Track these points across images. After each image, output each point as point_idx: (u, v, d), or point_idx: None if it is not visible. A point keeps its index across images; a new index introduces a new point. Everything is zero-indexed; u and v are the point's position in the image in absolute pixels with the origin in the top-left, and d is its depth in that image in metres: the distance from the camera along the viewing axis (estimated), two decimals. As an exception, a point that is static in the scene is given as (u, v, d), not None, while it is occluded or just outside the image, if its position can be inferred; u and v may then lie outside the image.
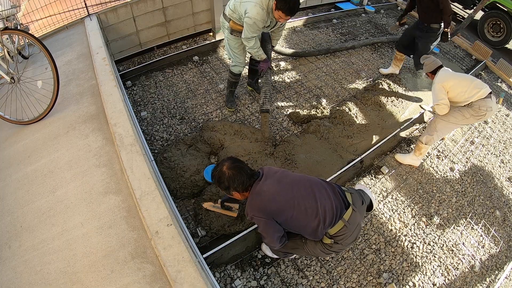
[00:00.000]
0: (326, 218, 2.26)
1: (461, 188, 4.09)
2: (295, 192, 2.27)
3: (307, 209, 2.24)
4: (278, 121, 4.45)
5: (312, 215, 2.25)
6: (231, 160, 2.33)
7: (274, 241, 2.35)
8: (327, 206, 2.26)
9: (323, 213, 2.25)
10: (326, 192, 2.32)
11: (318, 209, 2.24)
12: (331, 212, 2.27)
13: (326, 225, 2.27)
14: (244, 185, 2.29)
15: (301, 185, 2.31)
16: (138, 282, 2.15)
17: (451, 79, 3.63)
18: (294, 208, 2.24)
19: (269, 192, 2.24)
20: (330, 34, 6.60)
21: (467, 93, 3.55)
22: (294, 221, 2.28)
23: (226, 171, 2.26)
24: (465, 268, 3.38)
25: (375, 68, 5.80)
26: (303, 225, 2.29)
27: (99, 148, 2.96)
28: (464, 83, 3.59)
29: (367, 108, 4.80)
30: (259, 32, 3.57)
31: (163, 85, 4.82)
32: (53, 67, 3.16)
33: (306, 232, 2.35)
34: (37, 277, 2.26)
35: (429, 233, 3.57)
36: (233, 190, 2.31)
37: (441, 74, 3.73)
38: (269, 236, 2.32)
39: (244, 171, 2.28)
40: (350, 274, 3.16)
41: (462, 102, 3.63)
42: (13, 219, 2.60)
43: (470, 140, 4.81)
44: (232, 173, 2.25)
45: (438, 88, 3.66)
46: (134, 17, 4.94)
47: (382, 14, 7.77)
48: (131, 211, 2.49)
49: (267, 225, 2.26)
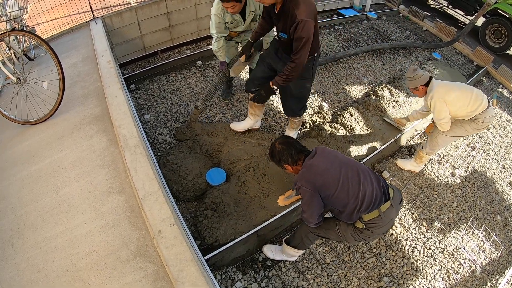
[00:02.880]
0: (364, 203, 2.34)
1: (462, 193, 4.10)
2: (343, 172, 2.36)
3: (349, 190, 2.33)
4: (280, 125, 4.47)
5: (352, 196, 2.34)
6: (283, 138, 2.63)
7: (313, 215, 2.42)
8: (368, 191, 2.35)
9: (363, 197, 2.34)
10: (371, 180, 2.41)
11: (359, 192, 2.34)
12: (370, 198, 2.35)
13: (362, 209, 2.35)
14: (293, 159, 2.50)
15: (349, 167, 2.41)
16: (140, 281, 2.16)
17: (451, 92, 3.46)
18: (338, 186, 2.33)
19: (319, 167, 2.37)
20: (333, 40, 6.62)
21: (469, 107, 3.44)
22: (336, 199, 2.36)
23: (277, 146, 2.55)
24: (466, 273, 3.38)
25: (377, 74, 5.83)
26: (342, 204, 2.38)
27: (103, 149, 2.99)
28: (464, 95, 3.46)
29: (368, 113, 4.82)
30: (220, 29, 3.54)
31: (166, 89, 4.84)
32: (59, 68, 3.19)
33: (343, 212, 2.43)
34: (40, 275, 2.28)
35: (430, 237, 3.57)
36: (284, 163, 2.55)
37: (439, 88, 3.52)
38: (311, 209, 2.40)
39: (293, 146, 2.52)
40: (351, 277, 3.16)
41: (464, 116, 3.56)
42: (17, 217, 2.62)
43: (471, 145, 4.83)
44: (282, 147, 2.52)
45: (440, 105, 3.48)
46: (138, 21, 4.98)
47: (384, 20, 7.80)
48: (134, 211, 2.52)
49: (312, 197, 2.34)
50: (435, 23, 7.75)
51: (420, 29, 7.74)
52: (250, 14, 3.55)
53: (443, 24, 7.43)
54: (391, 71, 5.96)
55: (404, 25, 7.79)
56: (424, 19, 7.85)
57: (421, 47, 6.83)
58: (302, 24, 2.63)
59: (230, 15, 3.45)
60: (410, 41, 7.10)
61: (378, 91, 5.17)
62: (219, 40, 3.62)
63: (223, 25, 3.52)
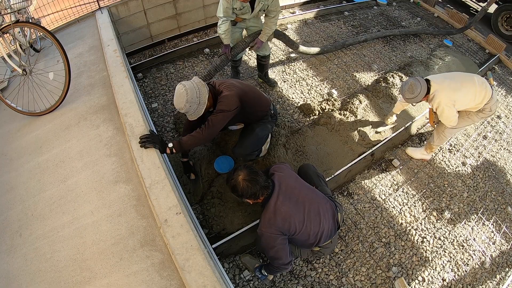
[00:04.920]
0: (321, 239, 2.64)
1: (473, 183, 4.04)
2: (306, 213, 2.54)
3: (311, 230, 2.57)
4: (289, 112, 4.43)
5: (313, 235, 2.59)
6: (247, 171, 2.52)
7: (286, 257, 2.55)
8: (325, 229, 2.63)
9: (321, 234, 2.62)
10: (328, 216, 2.67)
11: (319, 231, 2.60)
12: (327, 233, 2.66)
13: (319, 243, 2.69)
14: (257, 196, 2.51)
15: (311, 205, 2.59)
16: (146, 270, 2.16)
17: (456, 92, 3.30)
18: (302, 228, 2.52)
19: (285, 212, 2.47)
20: (342, 27, 6.54)
21: (477, 99, 3.35)
22: (297, 238, 2.58)
23: (241, 181, 2.48)
24: (475, 264, 3.34)
25: (387, 61, 5.74)
26: (302, 241, 2.64)
27: (109, 138, 2.97)
28: (469, 89, 3.33)
29: (378, 101, 4.76)
30: (227, 13, 3.57)
31: (174, 77, 4.83)
32: (64, 59, 3.17)
33: (302, 246, 2.80)
34: (47, 264, 2.29)
35: (440, 227, 3.54)
36: (245, 198, 2.55)
37: (443, 92, 3.31)
38: (283, 252, 2.52)
39: (258, 183, 2.48)
40: (359, 267, 3.15)
41: (472, 108, 3.49)
42: (25, 207, 2.63)
43: (483, 134, 4.75)
44: (246, 184, 2.46)
45: (449, 110, 3.32)
46: (145, 10, 4.95)
47: (394, 6, 7.67)
48: (141, 200, 2.50)
49: (283, 241, 2.50)
50: (446, 9, 7.61)
51: (431, 15, 7.60)
52: (259, 4, 3.57)
53: (455, 11, 7.28)
54: (401, 58, 5.86)
55: (414, 11, 7.65)
56: (435, 5, 7.71)
57: (432, 33, 6.70)
58: None
59: (240, 3, 3.49)
60: (421, 27, 6.97)
61: (389, 78, 5.08)
62: (225, 23, 3.66)
63: (230, 10, 3.55)
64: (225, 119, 2.84)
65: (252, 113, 3.23)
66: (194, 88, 2.76)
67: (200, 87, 2.80)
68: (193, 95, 2.74)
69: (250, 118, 3.30)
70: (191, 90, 2.73)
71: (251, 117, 3.29)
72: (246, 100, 2.97)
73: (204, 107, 2.81)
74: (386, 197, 3.71)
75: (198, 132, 2.81)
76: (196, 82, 2.83)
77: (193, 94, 2.74)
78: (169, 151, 2.75)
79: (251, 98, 3.07)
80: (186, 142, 2.80)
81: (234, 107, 2.84)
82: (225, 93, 2.86)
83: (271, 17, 3.75)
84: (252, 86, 3.29)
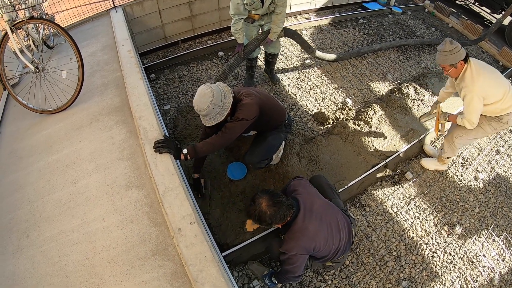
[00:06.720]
0: (338, 254, 2.64)
1: (485, 198, 3.97)
2: (329, 232, 2.50)
3: (332, 247, 2.54)
4: (303, 120, 4.39)
5: (332, 253, 2.59)
6: (268, 196, 2.40)
7: (301, 270, 2.53)
8: (341, 246, 2.61)
9: (338, 250, 2.60)
10: (345, 232, 2.64)
11: (338, 247, 2.59)
12: (343, 249, 2.64)
13: (335, 259, 2.70)
14: (285, 218, 2.41)
15: (333, 224, 2.55)
16: (158, 280, 2.11)
17: (490, 85, 3.02)
18: (325, 246, 2.49)
19: (312, 230, 2.41)
20: (357, 34, 6.49)
21: (504, 103, 3.11)
22: (318, 255, 2.58)
23: (266, 209, 2.34)
24: (484, 281, 3.27)
25: (402, 71, 5.68)
26: (321, 256, 2.62)
27: (122, 141, 2.93)
28: (501, 89, 3.05)
29: (393, 112, 4.71)
30: (238, 10, 3.62)
31: (187, 79, 4.80)
32: (78, 57, 3.14)
33: (317, 260, 2.73)
34: (55, 268, 2.24)
35: (451, 242, 3.47)
36: (275, 224, 2.43)
37: (480, 81, 3.00)
38: (300, 268, 2.50)
39: (283, 204, 2.38)
40: (369, 280, 3.10)
41: (492, 113, 3.26)
42: (33, 208, 2.59)
43: (496, 149, 4.67)
44: (273, 210, 2.34)
45: (477, 102, 3.04)
46: (160, 10, 4.94)
47: (409, 16, 7.61)
48: (154, 207, 2.45)
49: (304, 260, 2.47)
50: (460, 20, 7.55)
51: (445, 26, 7.53)
52: None
53: (469, 22, 7.21)
54: (416, 69, 5.79)
55: (429, 21, 7.58)
56: (450, 16, 7.63)
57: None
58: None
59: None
60: (435, 37, 6.91)
61: (403, 89, 5.03)
62: (237, 22, 3.72)
63: (241, 6, 3.57)
64: (242, 128, 2.79)
65: (268, 122, 3.19)
66: (220, 91, 2.70)
67: (226, 92, 2.74)
68: (218, 97, 2.67)
69: (264, 127, 3.27)
70: (217, 92, 2.67)
71: (266, 126, 3.26)
72: (264, 110, 2.93)
73: (226, 113, 2.73)
74: (398, 210, 3.66)
75: (214, 138, 2.76)
76: (222, 86, 2.77)
77: (219, 97, 2.67)
78: (184, 157, 2.70)
79: (268, 108, 3.03)
80: (201, 148, 2.75)
81: (253, 116, 2.80)
82: (245, 101, 2.81)
83: (278, 13, 3.74)
84: (269, 96, 3.25)
